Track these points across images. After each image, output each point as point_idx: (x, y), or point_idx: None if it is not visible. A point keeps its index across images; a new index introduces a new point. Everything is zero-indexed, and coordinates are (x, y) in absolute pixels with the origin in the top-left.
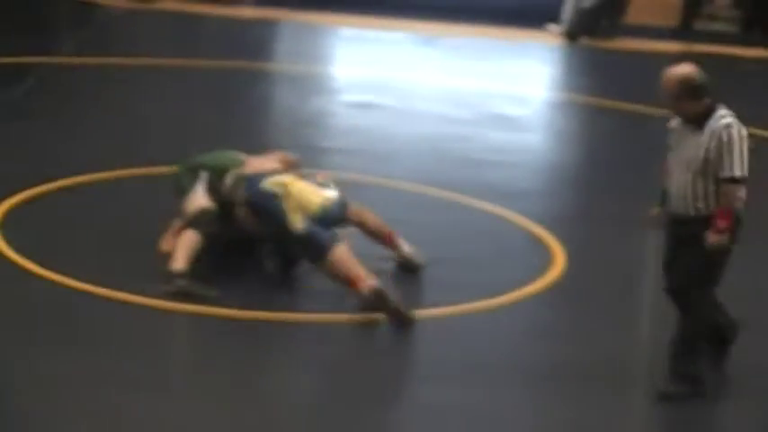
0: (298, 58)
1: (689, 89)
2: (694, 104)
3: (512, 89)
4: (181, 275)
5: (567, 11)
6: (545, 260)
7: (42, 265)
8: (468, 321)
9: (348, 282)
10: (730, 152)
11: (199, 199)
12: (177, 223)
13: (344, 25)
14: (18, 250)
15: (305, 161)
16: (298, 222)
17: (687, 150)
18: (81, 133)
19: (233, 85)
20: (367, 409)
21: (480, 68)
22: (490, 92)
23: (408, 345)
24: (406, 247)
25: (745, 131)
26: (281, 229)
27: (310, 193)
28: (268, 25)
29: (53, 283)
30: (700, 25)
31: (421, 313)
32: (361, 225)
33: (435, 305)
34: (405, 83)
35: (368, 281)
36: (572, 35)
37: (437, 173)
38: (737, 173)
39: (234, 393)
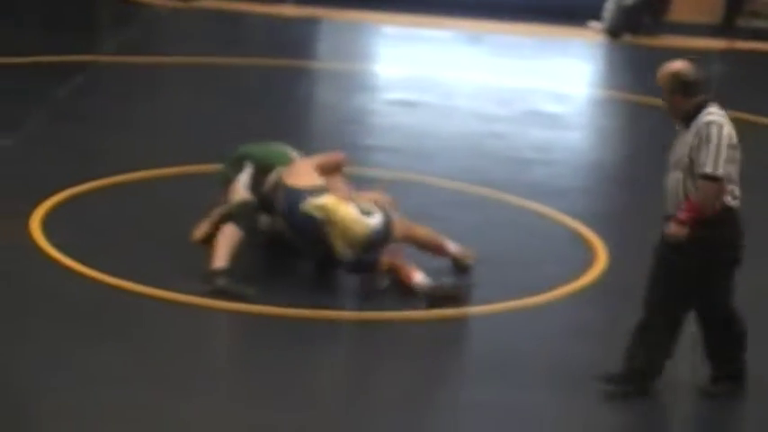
0: (340, 55)
1: (680, 85)
2: (685, 101)
3: (554, 86)
4: (221, 273)
5: (609, 8)
6: (587, 258)
7: (83, 262)
8: (510, 319)
9: (403, 277)
10: (707, 149)
11: (240, 190)
12: (217, 212)
13: (387, 23)
14: (59, 248)
15: (349, 159)
16: (341, 250)
17: (677, 149)
18: (125, 132)
19: (276, 84)
20: (406, 407)
21: (523, 66)
22: (532, 89)
23: (450, 343)
24: (454, 248)
25: (728, 131)
26: (325, 249)
27: (354, 223)
28: (310, 23)
29: (93, 280)
30: (742, 22)
31: (463, 312)
32: (410, 240)
33: (477, 303)
34: (447, 81)
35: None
36: (614, 33)
37: (479, 171)
38: (709, 170)
39: (274, 392)
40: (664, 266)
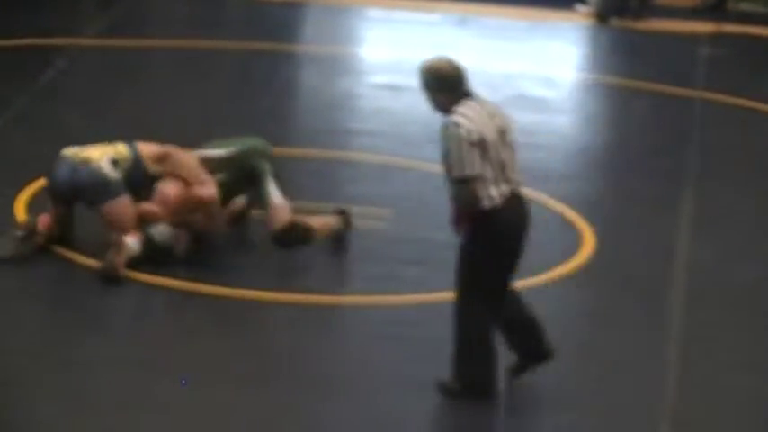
0: (325, 39)
1: (435, 80)
2: (439, 97)
3: (541, 70)
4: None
5: None
6: (575, 242)
7: (66, 245)
8: None
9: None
10: (452, 151)
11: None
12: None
13: (372, 6)
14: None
15: (333, 144)
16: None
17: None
18: (110, 114)
19: (260, 67)
20: (392, 393)
21: (510, 49)
22: (520, 73)
23: (437, 327)
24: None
25: (464, 132)
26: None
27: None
28: (294, 6)
29: (75, 262)
30: (731, 5)
31: (450, 296)
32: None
33: None
34: None
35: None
36: (602, 16)
37: None
38: (456, 173)
39: (269, 375)
40: (464, 268)
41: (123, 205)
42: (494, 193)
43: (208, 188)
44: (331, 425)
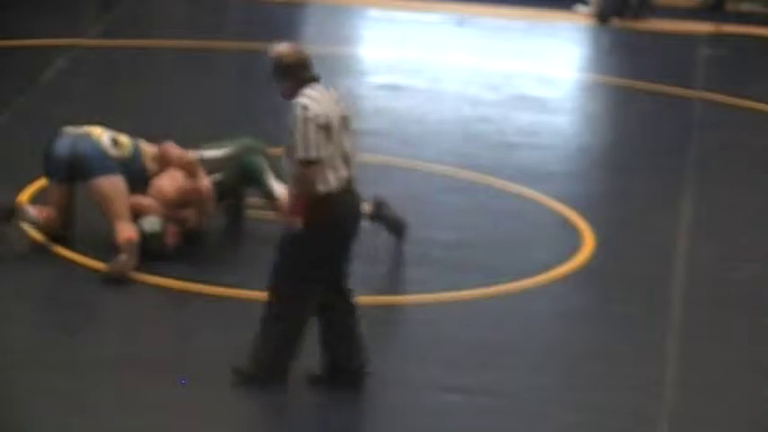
0: (325, 39)
1: (282, 68)
2: (285, 83)
3: (541, 71)
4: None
5: None
6: (575, 242)
7: (67, 245)
8: (498, 303)
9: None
10: (297, 133)
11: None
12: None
13: (372, 6)
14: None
15: None
16: None
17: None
18: (110, 114)
19: (261, 68)
20: (392, 392)
21: (510, 50)
22: (520, 73)
23: (437, 327)
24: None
25: (311, 114)
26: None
27: None
28: (296, 6)
29: (76, 263)
30: (730, 6)
31: (450, 296)
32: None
33: (465, 288)
34: (434, 64)
35: None
36: (603, 17)
37: (466, 155)
38: (301, 154)
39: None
40: (285, 257)
41: (117, 184)
42: (331, 179)
43: (205, 182)
44: (331, 424)
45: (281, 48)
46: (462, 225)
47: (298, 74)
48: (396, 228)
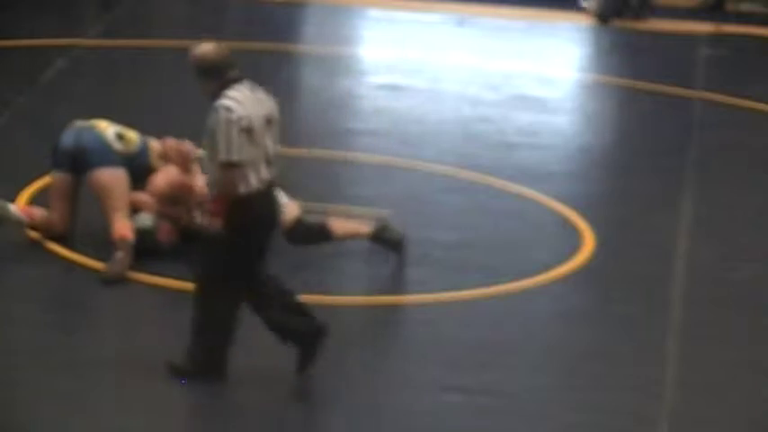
0: (325, 39)
1: (202, 67)
2: (207, 83)
3: (541, 71)
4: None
5: None
6: (575, 242)
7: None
8: (498, 303)
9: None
10: (219, 135)
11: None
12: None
13: (372, 6)
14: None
15: (333, 144)
16: None
17: None
18: (111, 115)
19: (260, 68)
20: (392, 393)
21: (509, 50)
22: (520, 73)
23: (437, 327)
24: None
25: (234, 117)
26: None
27: None
28: (295, 6)
29: (77, 263)
30: (730, 6)
31: (450, 296)
32: None
33: (465, 288)
34: (434, 64)
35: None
36: (603, 17)
37: (466, 155)
38: (223, 157)
39: (260, 376)
40: (208, 255)
41: (117, 177)
42: (252, 180)
43: (199, 179)
44: (331, 424)
45: (204, 47)
46: (462, 225)
47: (221, 74)
48: (395, 249)
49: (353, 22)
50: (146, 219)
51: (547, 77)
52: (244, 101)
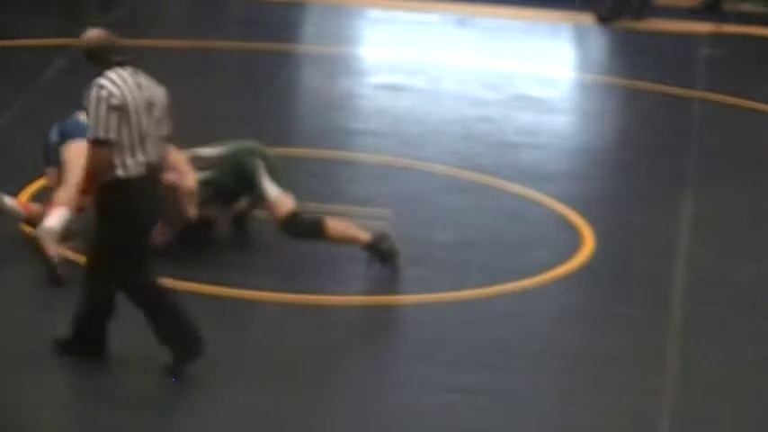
0: (325, 39)
1: (90, 53)
2: (94, 67)
3: (541, 71)
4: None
5: None
6: (575, 242)
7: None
8: (498, 303)
9: None
10: (91, 112)
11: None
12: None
13: (372, 6)
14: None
15: (333, 144)
16: None
17: None
18: None
19: (260, 68)
20: (393, 393)
21: (509, 50)
22: (520, 73)
23: (437, 327)
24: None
25: (105, 93)
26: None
27: None
28: (295, 6)
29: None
30: (730, 6)
31: (450, 296)
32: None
33: (465, 288)
34: (435, 64)
35: None
36: (603, 17)
37: (467, 155)
38: (91, 134)
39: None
40: (94, 238)
41: (82, 149)
42: (129, 163)
43: (188, 179)
44: (332, 424)
45: (91, 33)
46: (462, 225)
47: (103, 58)
48: (389, 260)
49: (353, 22)
50: None
51: (547, 77)
52: (119, 82)
